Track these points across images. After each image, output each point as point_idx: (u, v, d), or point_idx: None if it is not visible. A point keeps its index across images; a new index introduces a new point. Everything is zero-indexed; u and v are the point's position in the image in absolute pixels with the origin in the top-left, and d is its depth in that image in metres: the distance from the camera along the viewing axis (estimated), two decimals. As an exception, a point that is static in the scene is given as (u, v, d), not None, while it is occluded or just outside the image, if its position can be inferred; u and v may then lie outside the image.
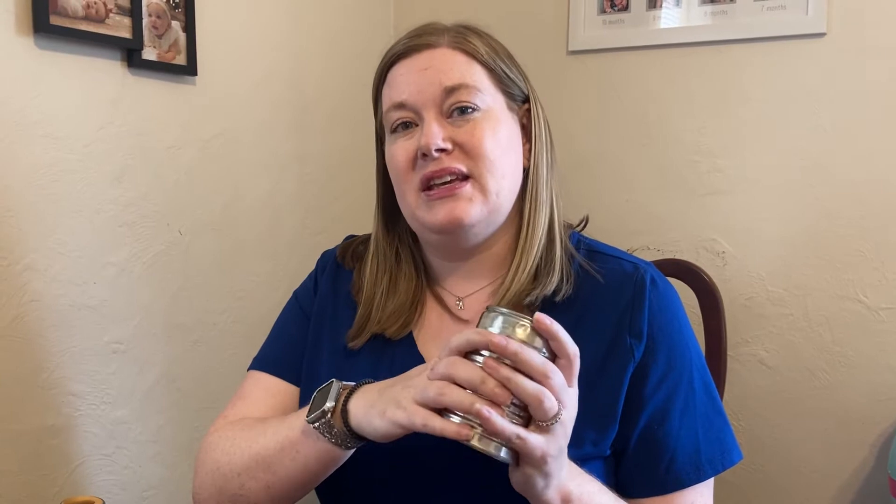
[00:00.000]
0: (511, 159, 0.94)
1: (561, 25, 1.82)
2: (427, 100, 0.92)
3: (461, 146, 0.91)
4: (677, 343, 0.93)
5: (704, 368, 0.96)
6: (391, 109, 0.94)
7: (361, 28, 1.86)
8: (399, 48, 0.95)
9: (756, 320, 1.66)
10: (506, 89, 0.96)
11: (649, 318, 0.92)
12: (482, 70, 0.94)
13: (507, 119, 0.96)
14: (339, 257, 1.08)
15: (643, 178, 1.76)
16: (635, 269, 0.95)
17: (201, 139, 1.51)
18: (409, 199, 0.94)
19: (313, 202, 1.77)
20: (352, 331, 1.00)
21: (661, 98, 1.73)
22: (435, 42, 0.94)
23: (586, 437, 0.89)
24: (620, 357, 0.91)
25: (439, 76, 0.92)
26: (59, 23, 1.24)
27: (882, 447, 1.57)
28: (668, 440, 0.91)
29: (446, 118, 0.92)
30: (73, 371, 1.32)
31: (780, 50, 1.62)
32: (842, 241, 1.59)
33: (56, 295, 1.29)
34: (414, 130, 0.93)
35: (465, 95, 0.92)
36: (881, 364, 1.57)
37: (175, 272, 1.48)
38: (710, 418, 0.94)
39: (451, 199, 0.90)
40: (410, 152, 0.92)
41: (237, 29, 1.57)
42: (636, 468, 0.92)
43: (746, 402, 1.68)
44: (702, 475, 0.92)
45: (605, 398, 0.90)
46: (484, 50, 0.95)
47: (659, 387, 0.91)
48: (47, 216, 1.28)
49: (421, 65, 0.93)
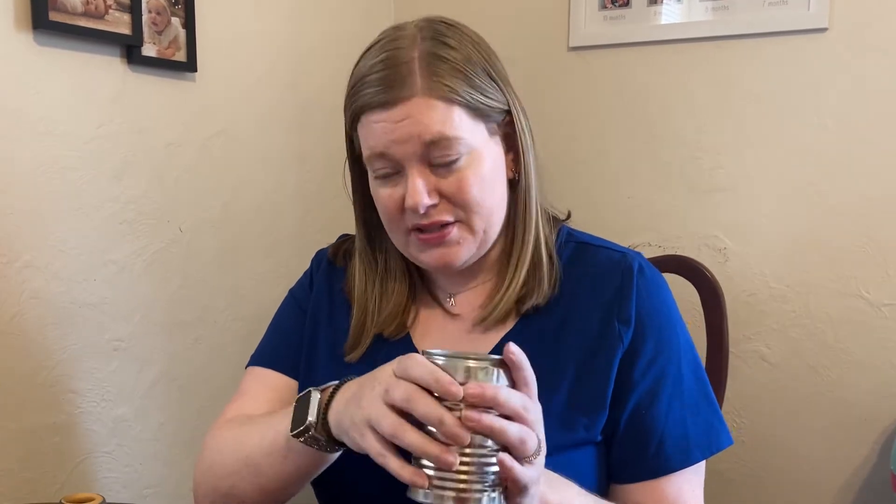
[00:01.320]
0: (497, 191, 0.94)
1: (562, 21, 1.81)
2: (408, 153, 0.89)
3: (449, 197, 0.90)
4: (665, 328, 0.94)
5: (693, 355, 0.97)
6: (372, 158, 0.91)
7: (362, 26, 1.86)
8: (370, 98, 0.89)
9: (758, 317, 1.66)
10: (485, 116, 0.92)
11: (637, 303, 0.93)
12: (461, 110, 0.89)
13: (490, 148, 0.93)
14: (331, 256, 1.08)
15: (644, 174, 1.75)
16: (623, 257, 0.96)
17: (201, 136, 1.51)
18: (399, 237, 0.95)
19: (313, 199, 1.76)
20: (348, 342, 1.00)
21: (662, 94, 1.72)
22: (409, 94, 0.88)
23: (578, 422, 0.90)
24: (610, 343, 0.92)
25: (418, 129, 0.87)
26: (58, 19, 1.23)
27: (884, 444, 1.57)
28: (656, 424, 0.92)
29: (430, 167, 0.90)
30: (73, 369, 1.32)
31: (782, 46, 1.61)
32: (844, 237, 1.58)
33: (56, 292, 1.29)
34: (398, 179, 0.91)
35: (446, 148, 0.88)
36: (884, 361, 1.57)
37: (175, 270, 1.48)
38: (699, 403, 0.94)
39: (442, 246, 0.92)
40: (398, 201, 0.91)
41: (237, 25, 1.57)
42: (625, 452, 0.93)
43: (748, 399, 1.68)
44: (690, 459, 0.92)
45: (595, 384, 0.91)
46: (462, 88, 0.89)
47: (647, 370, 0.92)
48: (47, 213, 1.27)
49: (396, 116, 0.88)
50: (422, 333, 1.00)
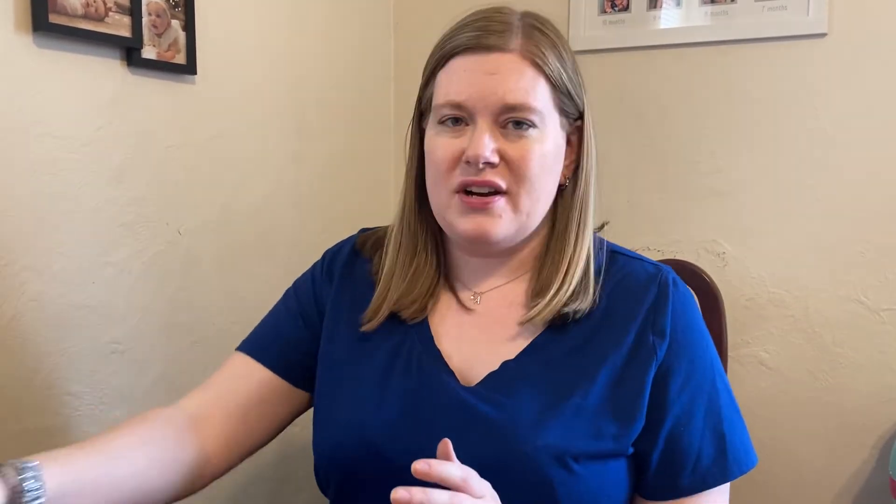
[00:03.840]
0: (551, 180, 0.94)
1: (561, 25, 1.78)
2: (485, 108, 0.89)
3: (508, 162, 0.89)
4: (699, 345, 0.94)
5: (722, 370, 0.97)
6: (446, 105, 0.91)
7: (361, 28, 1.86)
8: (466, 41, 0.90)
9: (757, 321, 1.66)
10: (563, 107, 0.94)
11: (672, 318, 0.93)
12: (547, 87, 0.91)
13: (557, 139, 0.94)
14: (360, 244, 1.07)
15: (643, 178, 1.75)
16: (658, 270, 0.97)
17: (201, 139, 1.51)
18: (443, 196, 0.93)
19: (313, 202, 1.76)
20: (368, 311, 0.99)
21: (661, 98, 1.73)
22: (505, 45, 0.89)
23: (606, 431, 0.89)
24: (644, 354, 0.91)
25: (503, 88, 0.88)
26: (58, 21, 1.23)
27: (883, 449, 1.57)
28: (693, 441, 0.91)
29: (500, 127, 0.90)
30: (71, 371, 1.32)
31: (781, 50, 1.61)
32: (843, 242, 1.58)
33: (54, 295, 1.29)
34: (463, 129, 0.91)
35: (523, 114, 0.89)
36: (882, 365, 1.57)
37: (174, 272, 1.47)
38: (734, 420, 0.95)
39: (483, 213, 0.90)
40: (456, 152, 0.90)
41: (237, 28, 1.57)
42: (663, 470, 0.92)
43: (747, 404, 1.67)
44: (728, 475, 0.92)
45: (627, 394, 0.90)
46: (554, 64, 0.91)
47: (684, 388, 0.92)
48: (46, 216, 1.27)
49: (487, 68, 0.88)
50: (436, 324, 0.98)
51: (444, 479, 0.73)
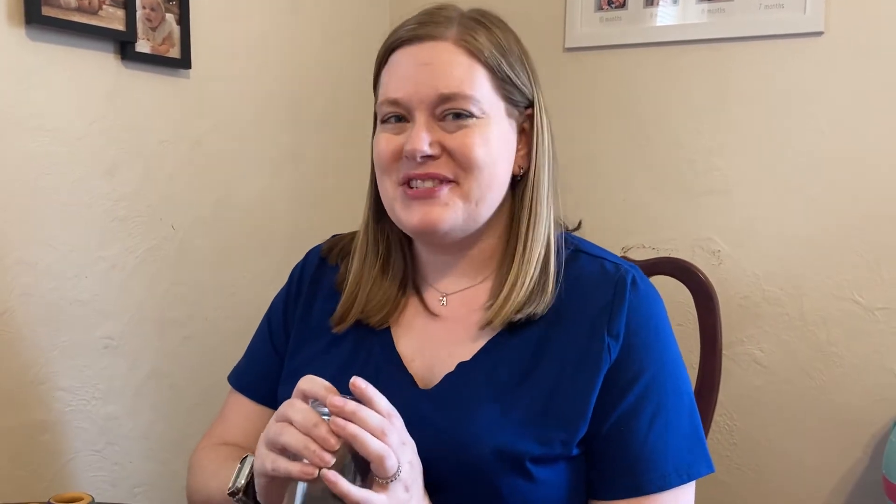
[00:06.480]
0: (501, 168, 0.92)
1: (558, 22, 1.81)
2: (421, 102, 0.89)
3: (451, 153, 0.89)
4: (654, 345, 0.91)
5: (681, 375, 0.93)
6: (385, 103, 0.92)
7: (357, 23, 1.85)
8: (403, 34, 0.92)
9: (751, 320, 1.66)
10: (507, 95, 0.93)
11: (628, 318, 0.90)
12: (484, 73, 0.90)
13: (504, 126, 0.93)
14: (324, 253, 1.07)
15: (639, 176, 1.75)
16: (616, 269, 0.94)
17: (195, 133, 1.50)
18: (388, 191, 0.93)
19: (306, 197, 1.76)
20: (336, 314, 0.99)
21: (657, 96, 1.72)
22: (440, 34, 0.90)
23: (555, 437, 0.87)
24: (596, 357, 0.89)
25: (436, 78, 0.88)
26: (51, 14, 1.22)
27: (876, 447, 1.57)
28: (634, 440, 0.89)
29: (438, 120, 0.89)
30: (63, 366, 1.31)
31: (778, 48, 1.61)
32: (838, 241, 1.58)
33: (47, 289, 1.28)
34: (404, 126, 0.91)
35: (460, 103, 0.88)
36: (876, 364, 1.57)
37: (167, 267, 1.47)
38: (681, 426, 0.91)
39: (428, 203, 0.89)
40: (397, 147, 0.90)
41: (232, 22, 1.56)
42: (603, 467, 0.90)
43: (741, 402, 1.68)
44: (667, 483, 0.88)
45: (575, 400, 0.88)
46: (489, 50, 0.91)
47: (630, 387, 0.89)
48: (38, 210, 1.27)
49: (422, 58, 0.90)
50: (400, 330, 0.98)
51: (375, 404, 0.78)
